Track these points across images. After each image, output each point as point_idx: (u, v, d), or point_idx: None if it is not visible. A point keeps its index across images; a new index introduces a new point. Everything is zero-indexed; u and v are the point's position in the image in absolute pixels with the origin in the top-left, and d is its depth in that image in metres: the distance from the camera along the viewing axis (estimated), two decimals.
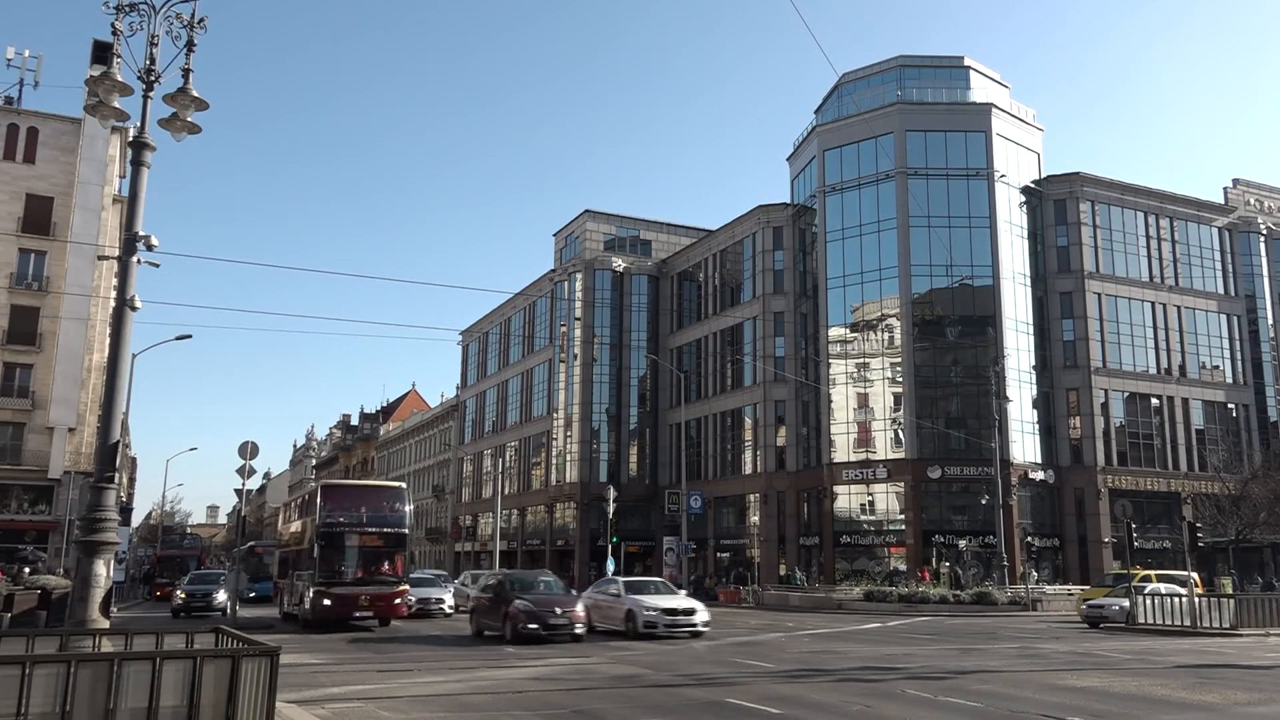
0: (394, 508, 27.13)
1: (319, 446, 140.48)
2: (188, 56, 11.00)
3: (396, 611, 26.33)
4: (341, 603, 24.95)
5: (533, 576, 25.91)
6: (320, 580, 25.02)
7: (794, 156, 59.91)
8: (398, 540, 26.74)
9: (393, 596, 25.85)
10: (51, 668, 7.27)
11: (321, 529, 25.36)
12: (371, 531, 26.22)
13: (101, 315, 45.73)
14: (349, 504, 26.83)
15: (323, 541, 25.26)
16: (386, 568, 26.37)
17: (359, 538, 26.00)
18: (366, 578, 25.75)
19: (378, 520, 26.47)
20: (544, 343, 72.42)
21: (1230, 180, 64.30)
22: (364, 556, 26.06)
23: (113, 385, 10.88)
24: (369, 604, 25.35)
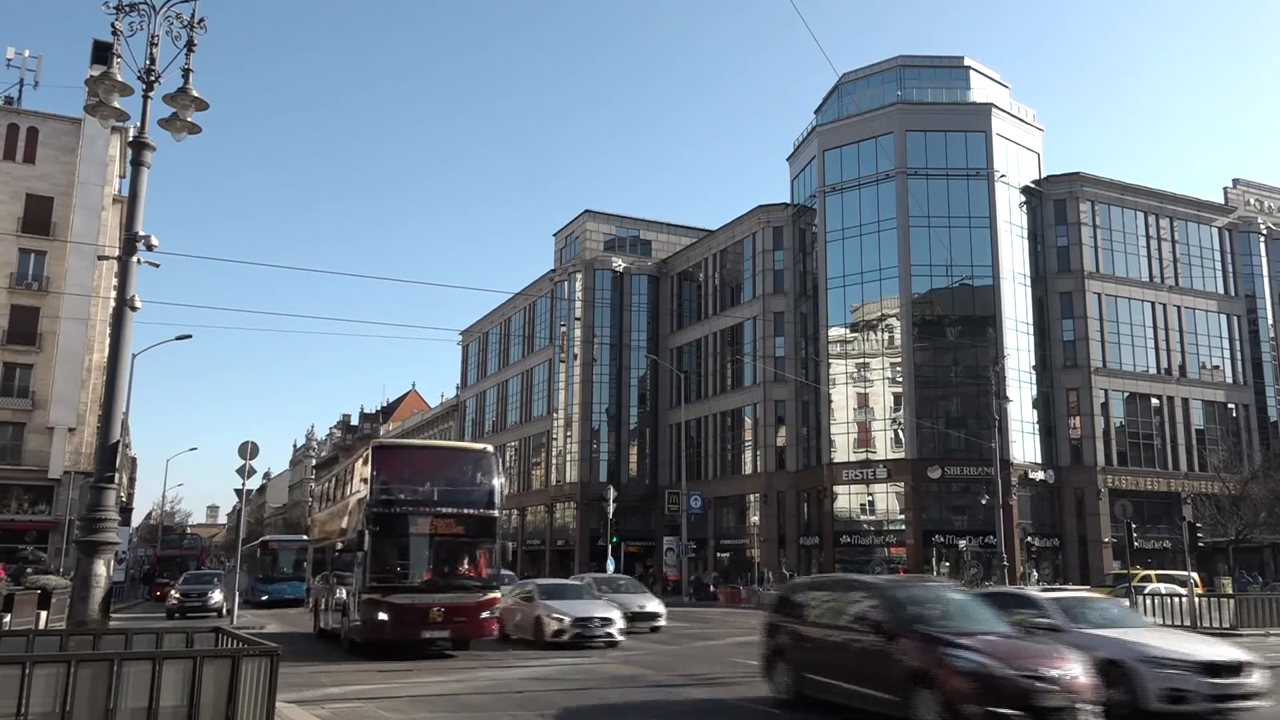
0: (478, 479, 19.32)
1: (319, 446, 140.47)
2: (188, 56, 11.00)
3: (483, 629, 18.65)
4: (404, 617, 17.55)
5: None
6: (373, 584, 17.64)
7: (794, 156, 59.92)
8: (484, 526, 18.92)
9: (478, 608, 18.35)
10: (51, 668, 7.27)
11: (375, 510, 17.92)
12: (447, 513, 18.54)
13: (101, 315, 45.75)
14: (414, 473, 19.10)
15: (376, 528, 17.78)
16: (467, 566, 18.84)
17: (429, 522, 18.37)
18: (440, 580, 18.26)
19: (456, 497, 18.81)
20: (544, 343, 72.43)
21: (1230, 180, 64.33)
22: (437, 550, 18.64)
23: (113, 385, 10.88)
24: (444, 619, 17.83)
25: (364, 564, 17.89)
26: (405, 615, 17.57)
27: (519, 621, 21.49)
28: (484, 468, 19.57)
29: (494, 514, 19.06)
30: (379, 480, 18.43)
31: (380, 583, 17.76)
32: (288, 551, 40.76)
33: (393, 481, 18.56)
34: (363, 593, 17.79)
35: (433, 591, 18.01)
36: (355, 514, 19.52)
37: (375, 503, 18.05)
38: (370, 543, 17.79)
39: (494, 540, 19.31)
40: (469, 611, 18.20)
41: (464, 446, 22.81)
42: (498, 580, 19.54)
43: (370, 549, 17.80)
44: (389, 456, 19.83)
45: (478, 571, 18.83)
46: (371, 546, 17.81)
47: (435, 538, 18.57)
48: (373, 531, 17.81)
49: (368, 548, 17.79)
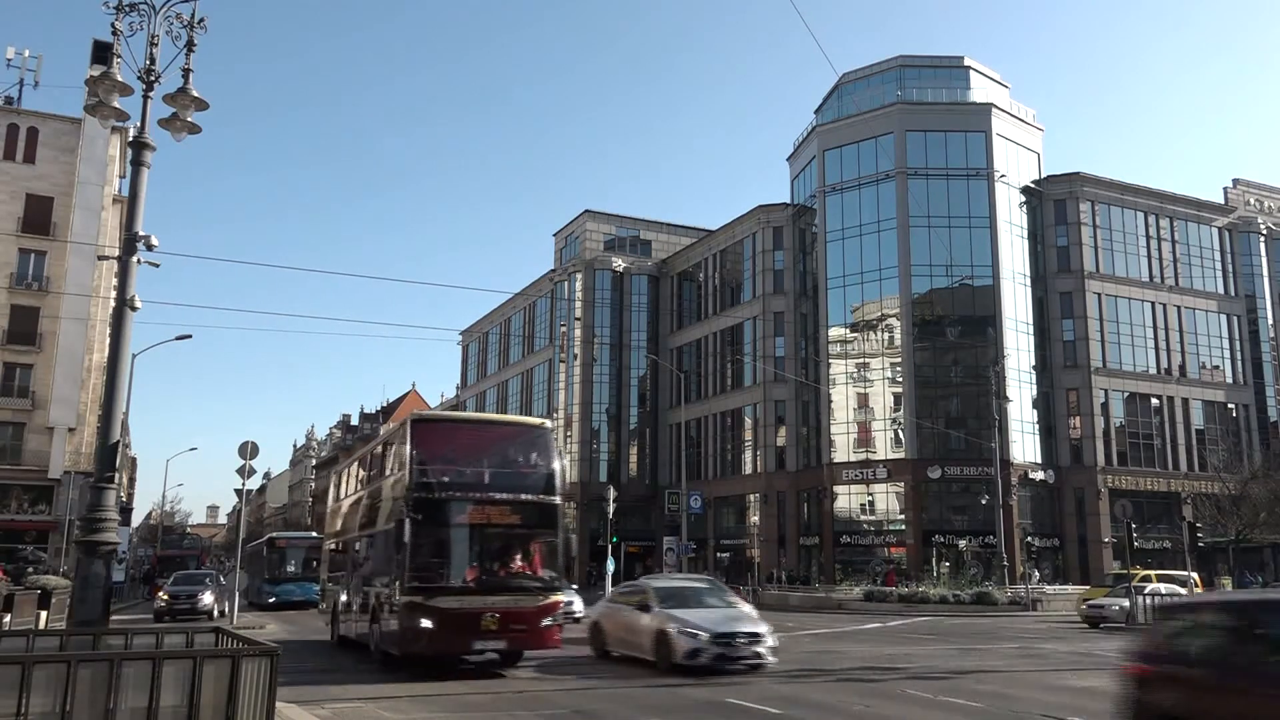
0: (536, 460, 16.49)
1: (319, 446, 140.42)
2: (188, 56, 10.99)
3: (545, 639, 15.49)
4: (453, 624, 14.52)
5: None
6: (414, 585, 14.64)
7: (794, 156, 59.94)
8: (544, 515, 15.91)
9: (539, 614, 15.26)
10: (51, 668, 7.27)
11: (416, 496, 14.96)
12: (502, 500, 15.60)
13: (101, 315, 45.74)
14: (461, 451, 16.39)
15: (418, 516, 14.76)
16: (525, 563, 15.77)
17: (481, 510, 15.43)
18: (493, 580, 15.27)
19: (510, 480, 16.13)
20: (544, 343, 72.44)
21: (1230, 180, 64.37)
22: (489, 544, 15.71)
23: (113, 385, 10.88)
24: (499, 626, 14.80)
25: (402, 560, 14.84)
26: (454, 623, 14.47)
27: (627, 636, 17.13)
28: (542, 446, 16.60)
29: (555, 501, 15.96)
30: (420, 460, 15.31)
31: (423, 583, 14.66)
32: (296, 549, 38.22)
33: (436, 461, 15.58)
34: (401, 595, 14.78)
35: (485, 593, 14.92)
36: (389, 501, 16.72)
37: (416, 486, 15.01)
38: (411, 535, 14.61)
39: (555, 532, 15.89)
40: (528, 618, 15.06)
41: (518, 421, 20.59)
42: (560, 581, 16.18)
43: (411, 543, 14.65)
44: (432, 432, 16.58)
45: (536, 569, 15.70)
46: (412, 540, 14.65)
47: (487, 529, 15.48)
48: (414, 521, 14.65)
49: (408, 541, 14.63)
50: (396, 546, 15.15)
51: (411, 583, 14.70)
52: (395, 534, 15.25)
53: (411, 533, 14.69)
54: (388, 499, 16.89)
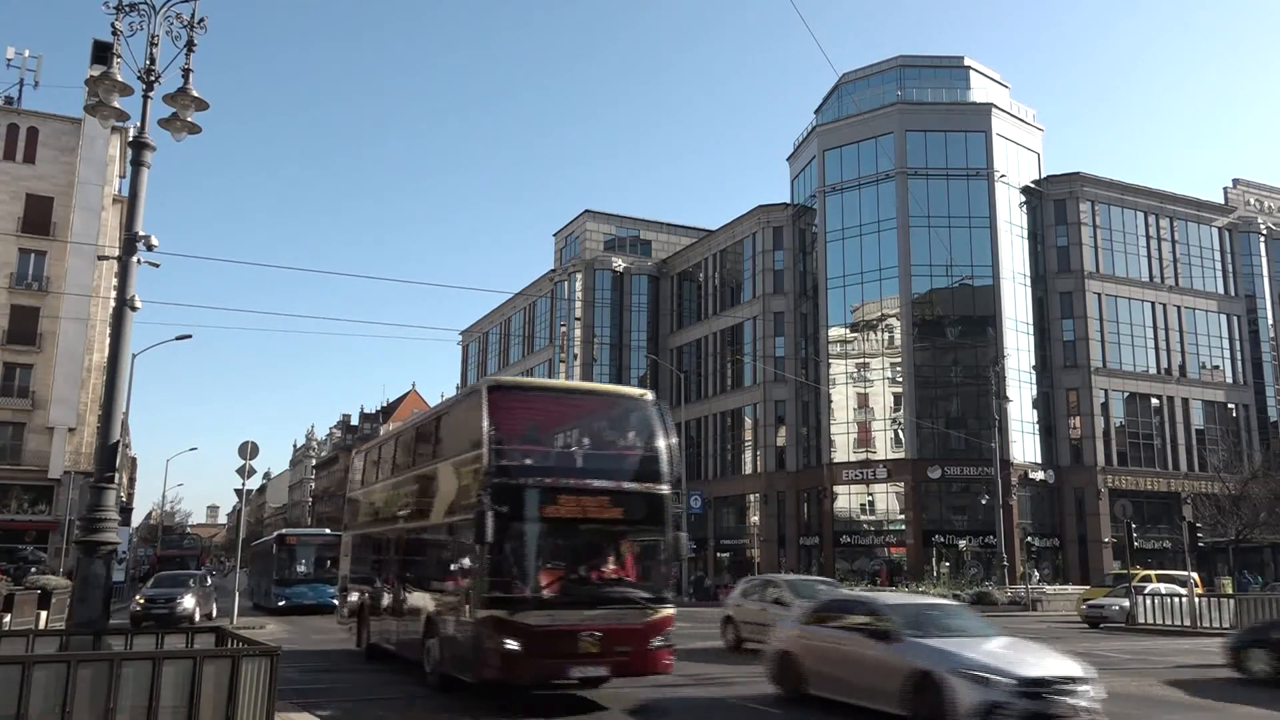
0: (638, 440, 13.58)
1: (319, 446, 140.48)
2: (188, 56, 10.99)
3: (654, 663, 12.44)
4: (545, 647, 11.71)
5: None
6: (494, 596, 11.79)
7: (794, 156, 59.94)
8: (651, 509, 12.93)
9: (647, 633, 12.36)
10: (52, 668, 7.28)
11: (498, 483, 11.96)
12: (601, 489, 12.62)
13: (101, 315, 45.74)
14: (548, 427, 13.94)
15: (503, 508, 11.73)
16: (629, 568, 12.95)
17: (576, 502, 12.43)
18: (591, 590, 12.39)
19: (610, 465, 13.23)
20: (544, 343, 72.44)
21: (1230, 180, 64.37)
22: (586, 544, 12.84)
23: (113, 385, 10.87)
24: (601, 648, 11.92)
25: (477, 564, 11.88)
26: (546, 644, 11.59)
27: (850, 675, 11.89)
28: (645, 421, 13.51)
29: (663, 491, 12.90)
30: (499, 438, 12.26)
31: (505, 593, 11.70)
32: (308, 548, 35.16)
33: (518, 439, 12.80)
34: (477, 608, 11.80)
35: (582, 607, 12.00)
36: (452, 489, 13.61)
37: (496, 471, 11.96)
38: (494, 529, 11.48)
39: (664, 529, 12.83)
40: (635, 637, 12.17)
41: (615, 391, 16.71)
42: (670, 590, 13.21)
43: (493, 541, 11.54)
44: (512, 402, 13.33)
45: (643, 576, 12.83)
46: (496, 536, 11.52)
47: (583, 525, 12.51)
48: (497, 514, 11.52)
49: (489, 539, 11.49)
50: (469, 546, 12.10)
51: (492, 592, 11.67)
52: (468, 530, 12.07)
53: (493, 529, 11.49)
54: (450, 486, 13.74)
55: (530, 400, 14.43)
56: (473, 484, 12.45)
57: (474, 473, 12.47)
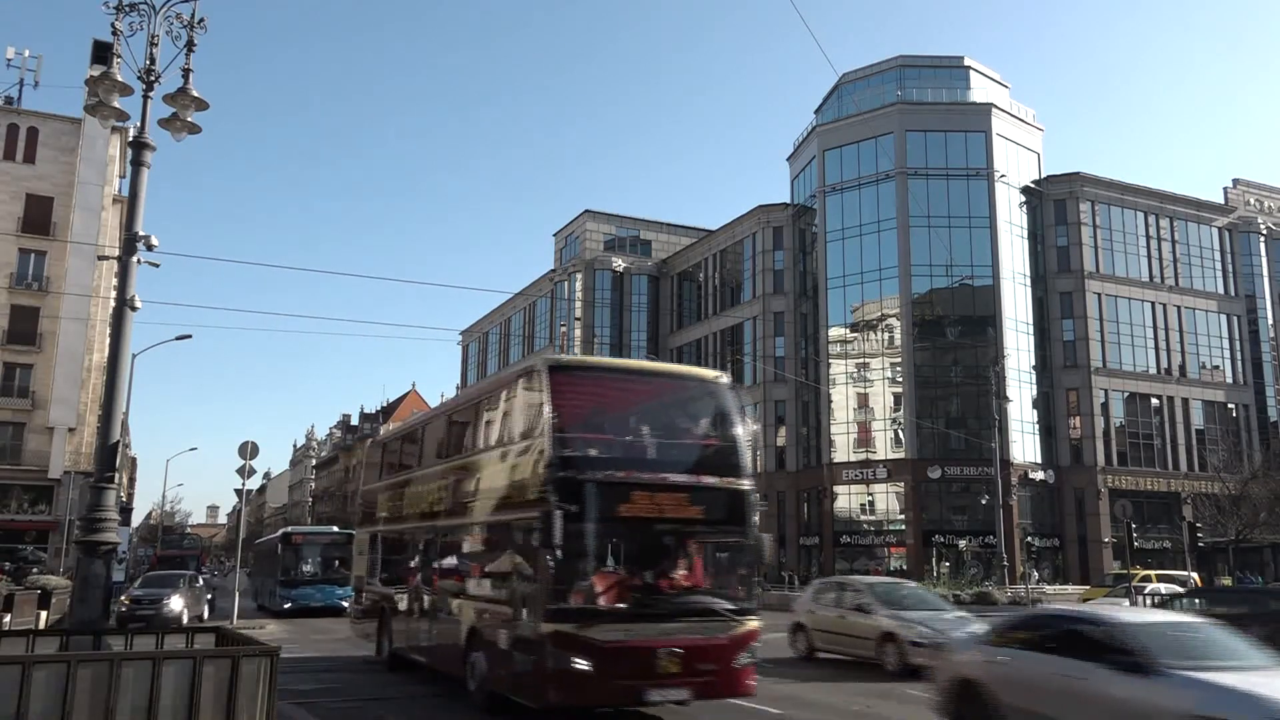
0: (714, 429, 12.19)
1: (319, 446, 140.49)
2: (188, 56, 10.99)
3: (739, 684, 11.02)
4: (619, 666, 10.27)
5: None
6: (559, 608, 10.31)
7: (794, 156, 59.96)
8: (733, 507, 11.49)
9: (732, 649, 10.91)
10: (51, 668, 7.28)
11: (561, 476, 10.48)
12: (678, 485, 11.11)
13: (101, 315, 45.75)
14: (615, 413, 12.16)
15: (572, 506, 10.24)
16: (709, 575, 11.64)
17: (651, 500, 10.87)
18: (668, 600, 10.99)
19: (685, 457, 11.70)
20: (544, 343, 72.45)
21: (1230, 180, 64.40)
22: (661, 547, 11.30)
23: (113, 385, 10.88)
24: (682, 667, 10.50)
25: (540, 570, 10.27)
26: (620, 663, 10.13)
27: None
28: (723, 407, 12.05)
29: (745, 486, 11.52)
30: (562, 424, 10.78)
31: (572, 603, 10.25)
32: (315, 546, 33.42)
33: (582, 426, 11.28)
34: (540, 621, 10.22)
35: (659, 619, 10.60)
36: (503, 482, 11.87)
37: (559, 463, 10.43)
38: (562, 529, 9.99)
39: (747, 530, 11.43)
40: (719, 654, 10.69)
41: (689, 372, 14.47)
42: (755, 600, 11.55)
43: (558, 544, 9.99)
44: (577, 384, 11.84)
45: (724, 583, 11.51)
46: (563, 537, 10.00)
47: (658, 525, 10.93)
48: (565, 514, 10.02)
49: (555, 542, 9.97)
50: (528, 548, 10.67)
51: (557, 603, 10.14)
52: (527, 530, 10.73)
53: (561, 530, 9.97)
54: (498, 479, 12.06)
55: (596, 381, 12.63)
56: (530, 478, 10.94)
57: (532, 465, 10.95)
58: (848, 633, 17.08)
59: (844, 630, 17.23)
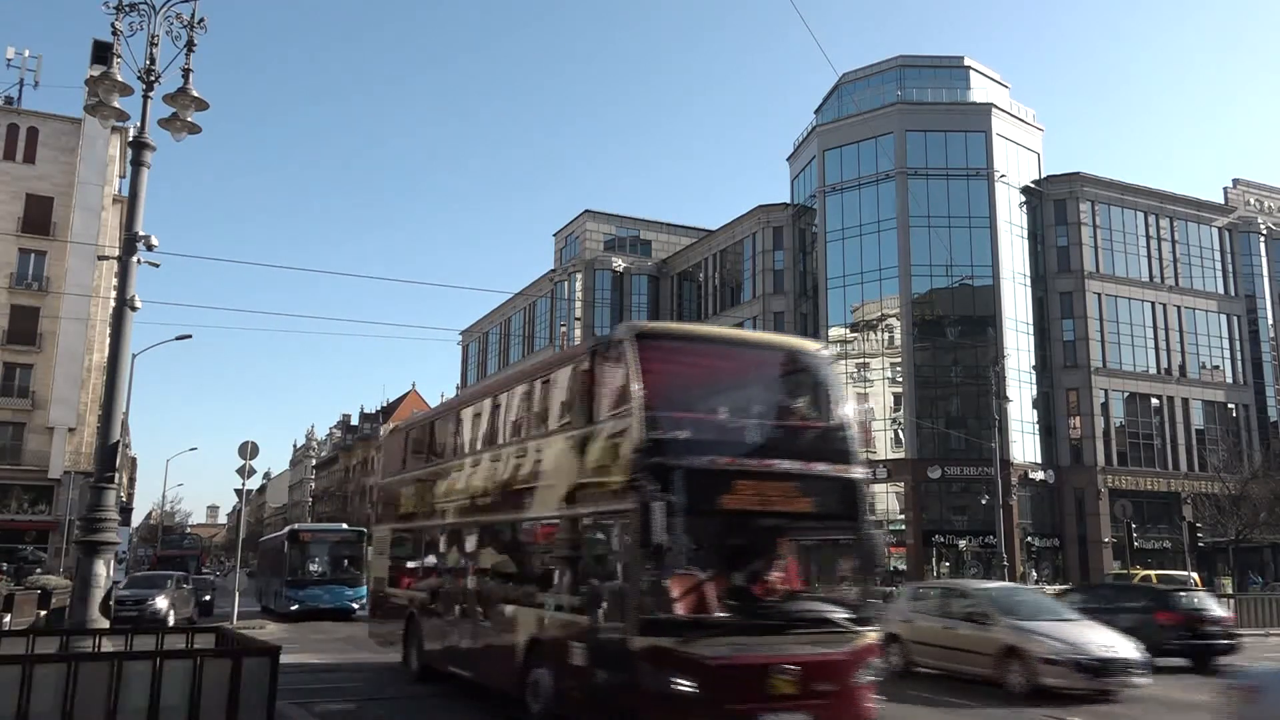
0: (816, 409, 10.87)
1: (319, 446, 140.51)
2: (188, 56, 11.00)
3: (860, 707, 9.41)
4: (728, 687, 8.60)
5: None
6: (654, 620, 8.64)
7: (794, 156, 59.97)
8: (845, 500, 9.91)
9: (850, 666, 9.33)
10: (53, 667, 7.29)
11: (656, 464, 8.83)
12: (788, 474, 9.56)
13: (101, 315, 45.77)
14: (707, 389, 10.71)
15: (666, 495, 8.53)
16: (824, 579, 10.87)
17: (756, 490, 9.29)
18: (780, 608, 9.63)
19: (791, 442, 10.04)
20: (544, 343, 72.42)
21: (1230, 180, 64.39)
22: (768, 547, 10.12)
23: (113, 385, 10.89)
24: (799, 689, 8.85)
25: (631, 573, 8.79)
26: (731, 684, 8.58)
27: None
28: (826, 384, 10.80)
29: (857, 475, 10.05)
30: (653, 402, 9.16)
31: (671, 612, 8.74)
32: (324, 544, 31.60)
33: (678, 405, 9.69)
34: (630, 633, 8.60)
35: (772, 631, 9.08)
36: (579, 471, 10.18)
37: (654, 446, 8.88)
38: (656, 529, 8.35)
39: (860, 526, 9.83)
40: (838, 672, 9.15)
41: (788, 343, 12.41)
42: (874, 608, 10.07)
43: (656, 541, 8.38)
44: (670, 355, 10.24)
45: (837, 588, 10.26)
46: (659, 536, 8.37)
47: (765, 520, 9.49)
48: (662, 506, 8.40)
49: (659, 539, 8.35)
50: (613, 548, 9.44)
51: (652, 612, 8.57)
52: (612, 526, 9.39)
53: (658, 524, 8.33)
54: (569, 467, 10.44)
55: (688, 352, 10.82)
56: (615, 465, 9.36)
57: (616, 450, 9.36)
58: (957, 646, 14.85)
59: (952, 643, 14.98)
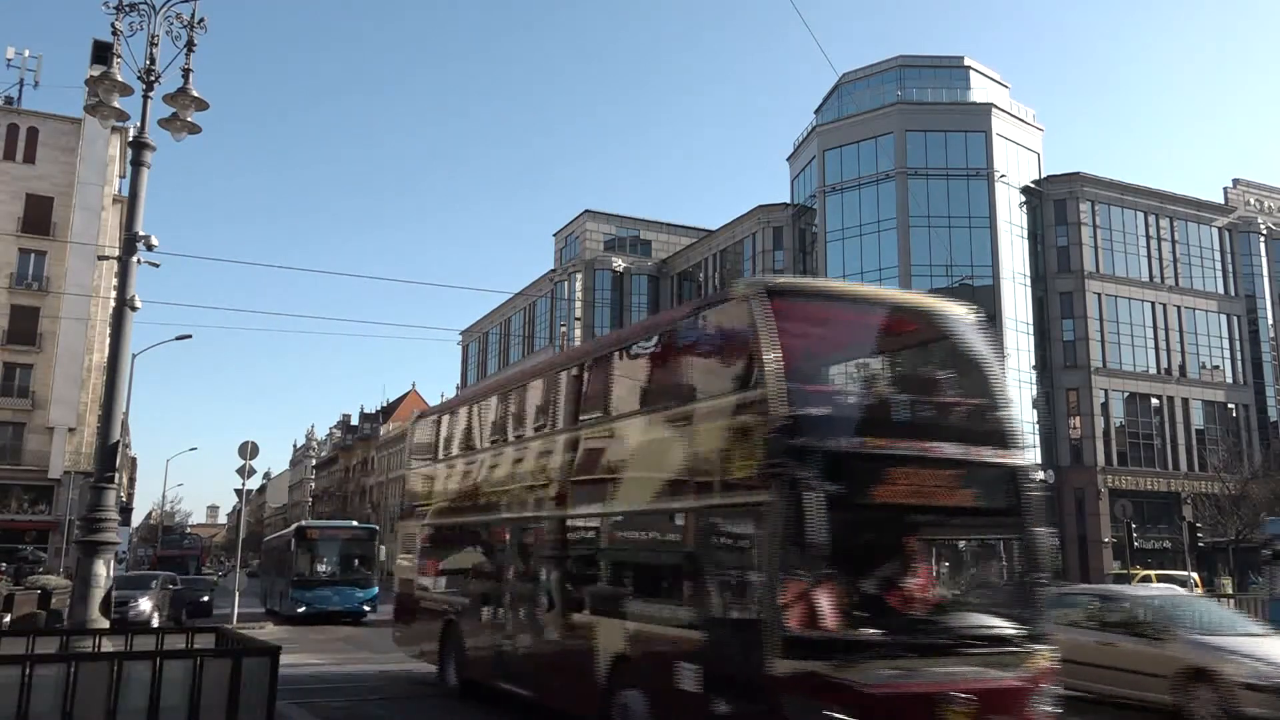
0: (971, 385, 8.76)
1: (319, 446, 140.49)
2: (188, 56, 10.99)
3: None
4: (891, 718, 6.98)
5: None
6: (799, 638, 6.88)
7: (794, 156, 59.97)
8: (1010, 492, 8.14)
9: (1026, 692, 7.57)
10: (53, 667, 7.29)
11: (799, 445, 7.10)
12: (949, 461, 7.78)
13: (101, 315, 45.78)
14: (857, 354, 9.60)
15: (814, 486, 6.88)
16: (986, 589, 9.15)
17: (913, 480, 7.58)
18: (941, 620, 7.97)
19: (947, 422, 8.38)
20: (544, 343, 72.40)
21: (1230, 180, 64.36)
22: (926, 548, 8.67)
23: (113, 385, 10.89)
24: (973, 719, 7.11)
25: (767, 579, 7.18)
26: (895, 717, 7.14)
27: None
28: (982, 354, 8.88)
29: (1022, 463, 8.37)
30: (790, 373, 7.49)
31: (819, 628, 7.07)
32: (333, 542, 29.72)
33: (816, 377, 8.56)
34: (774, 654, 6.97)
35: (939, 652, 7.47)
36: (690, 455, 8.39)
37: (797, 426, 7.27)
38: (808, 525, 6.88)
39: (1027, 524, 8.20)
40: (1015, 700, 7.61)
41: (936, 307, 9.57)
42: (1046, 622, 8.23)
43: (804, 542, 6.90)
44: (807, 316, 8.45)
45: (1003, 599, 8.61)
46: (806, 535, 6.88)
47: (922, 516, 7.94)
48: (810, 500, 6.93)
49: (804, 538, 6.90)
50: (740, 549, 7.75)
51: (797, 628, 6.93)
52: (744, 522, 7.58)
53: (805, 523, 6.84)
54: (677, 451, 8.60)
55: (828, 313, 8.93)
56: (739, 447, 7.64)
57: (740, 429, 7.67)
58: (1118, 665, 12.42)
59: (1111, 661, 12.53)
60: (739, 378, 7.99)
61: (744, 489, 7.51)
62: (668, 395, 9.23)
